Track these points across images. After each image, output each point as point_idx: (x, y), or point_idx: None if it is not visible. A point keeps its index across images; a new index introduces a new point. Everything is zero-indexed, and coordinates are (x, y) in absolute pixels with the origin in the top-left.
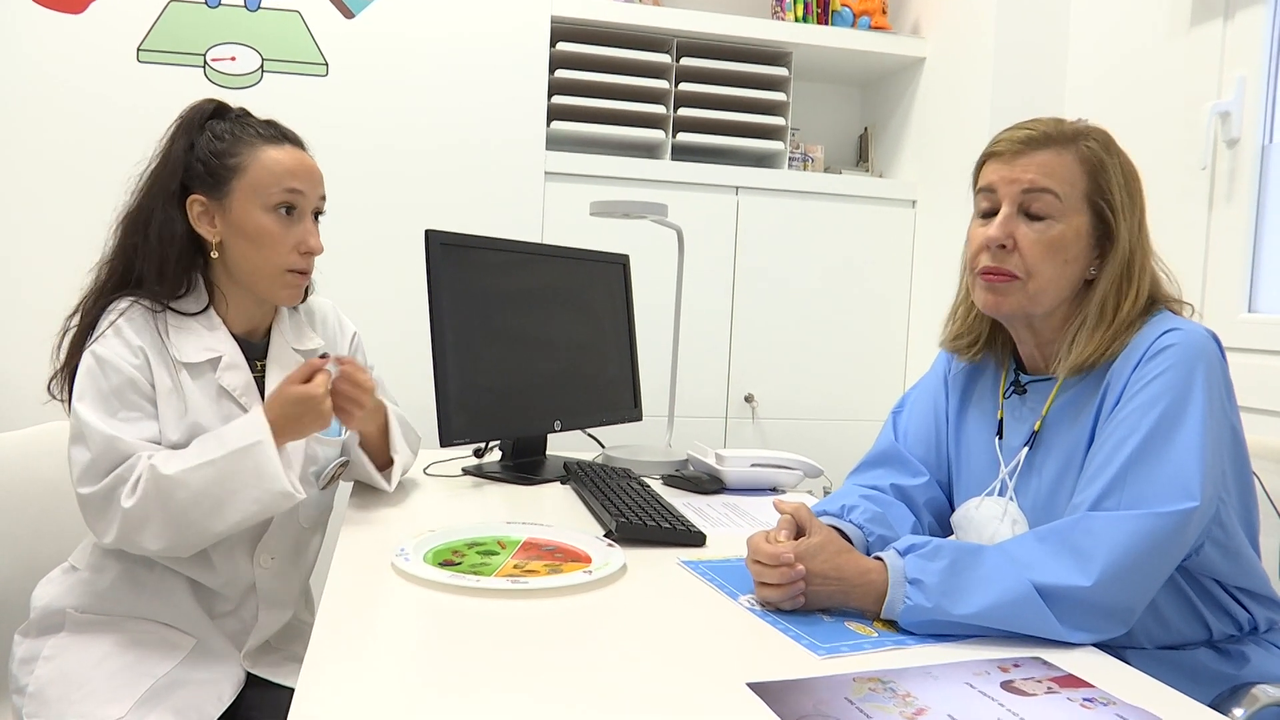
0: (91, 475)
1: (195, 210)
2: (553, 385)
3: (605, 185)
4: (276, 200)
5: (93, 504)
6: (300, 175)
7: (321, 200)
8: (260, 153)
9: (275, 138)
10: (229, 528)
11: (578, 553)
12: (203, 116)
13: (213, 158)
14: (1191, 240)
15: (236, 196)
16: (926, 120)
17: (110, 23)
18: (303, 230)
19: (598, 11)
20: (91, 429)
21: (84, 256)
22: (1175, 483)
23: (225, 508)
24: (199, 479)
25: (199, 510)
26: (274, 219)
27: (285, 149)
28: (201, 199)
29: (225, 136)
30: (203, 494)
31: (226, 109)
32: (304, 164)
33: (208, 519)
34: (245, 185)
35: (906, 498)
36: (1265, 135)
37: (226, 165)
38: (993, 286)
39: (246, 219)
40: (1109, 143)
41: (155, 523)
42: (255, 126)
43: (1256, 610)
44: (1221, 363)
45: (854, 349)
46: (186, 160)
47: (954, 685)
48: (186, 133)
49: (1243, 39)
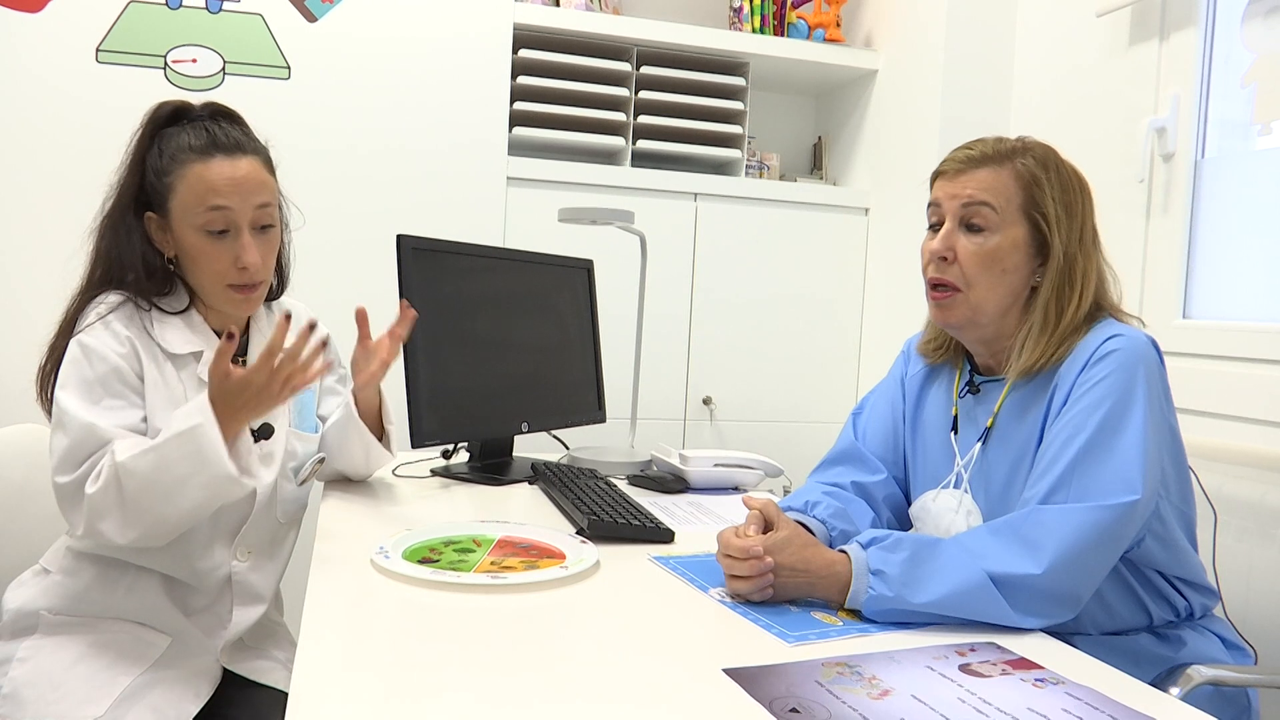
0: (68, 463)
1: (151, 225)
2: (520, 388)
3: (566, 191)
4: (202, 221)
5: (67, 493)
6: (224, 192)
7: (262, 210)
8: (188, 171)
9: (204, 150)
10: (184, 515)
11: (552, 550)
12: (156, 126)
13: (154, 176)
14: (1130, 249)
15: (174, 216)
16: (879, 130)
17: (69, 21)
18: (237, 246)
19: (559, 20)
20: (70, 416)
21: (45, 254)
22: (1119, 478)
23: (174, 495)
24: (144, 464)
25: (150, 497)
26: (204, 239)
27: (213, 163)
28: (154, 216)
29: (165, 154)
30: (150, 480)
31: (184, 112)
32: (231, 178)
33: (160, 506)
34: (178, 205)
35: (866, 494)
36: (1198, 150)
37: (163, 184)
38: (939, 303)
39: (183, 238)
40: (1048, 158)
41: (114, 511)
42: (190, 137)
43: (1193, 598)
44: (1160, 367)
45: (809, 352)
46: (141, 177)
47: (915, 668)
48: (141, 144)
49: (1177, 59)
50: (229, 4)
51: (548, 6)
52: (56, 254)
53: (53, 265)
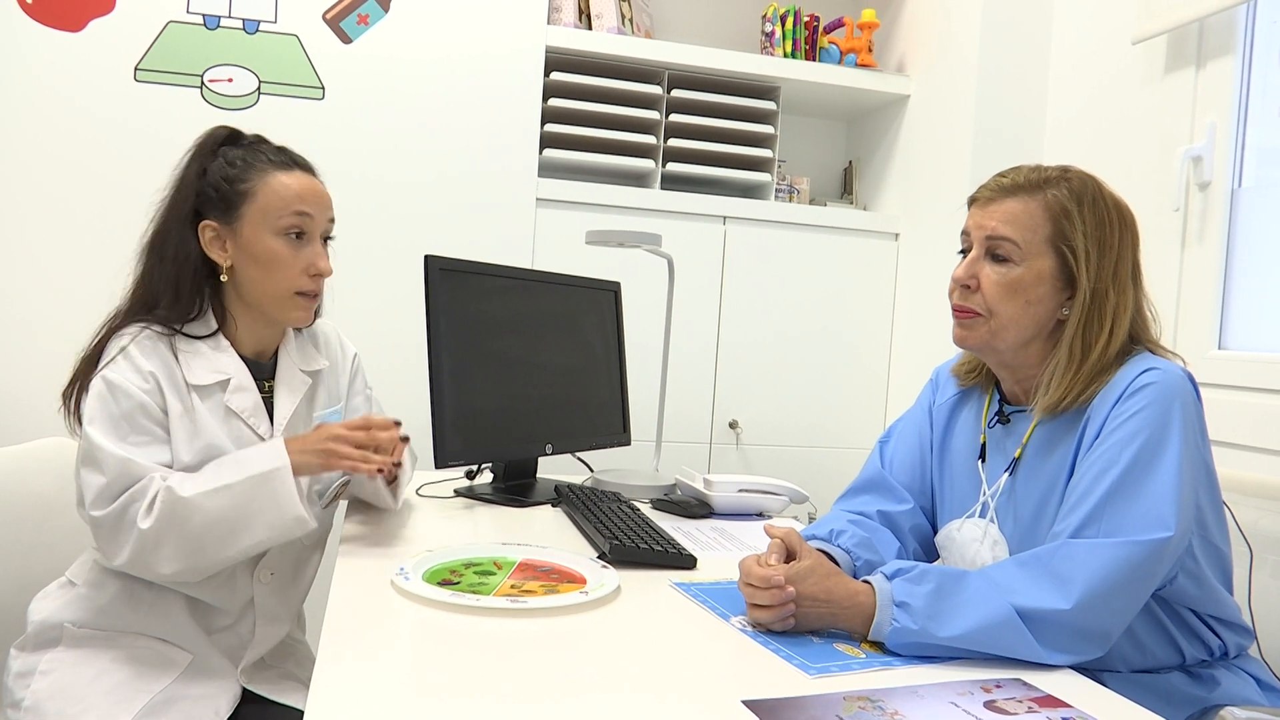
0: (105, 498)
1: (207, 235)
2: (545, 409)
3: (596, 213)
4: (285, 224)
5: (105, 526)
6: (309, 199)
7: (330, 224)
8: (270, 178)
9: (285, 164)
10: (239, 554)
11: (573, 574)
12: (215, 143)
13: (224, 183)
14: (1164, 279)
15: (247, 221)
16: (910, 156)
17: (108, 41)
18: (311, 253)
19: (591, 43)
20: (105, 452)
21: (80, 273)
22: (1152, 514)
23: (239, 533)
24: (216, 503)
25: (213, 535)
26: (283, 243)
27: (295, 174)
28: (213, 224)
29: (237, 163)
30: (219, 519)
31: (240, 136)
32: (313, 189)
33: (221, 543)
34: (255, 210)
35: (892, 524)
36: (1235, 179)
37: (238, 190)
38: (960, 322)
39: (256, 243)
40: (1085, 190)
41: (170, 545)
42: (267, 153)
43: (1227, 636)
44: (1196, 402)
45: (837, 377)
46: (199, 186)
47: (939, 704)
48: (199, 159)
49: (1214, 86)
50: (266, 25)
51: (580, 29)
52: (92, 271)
53: (90, 283)
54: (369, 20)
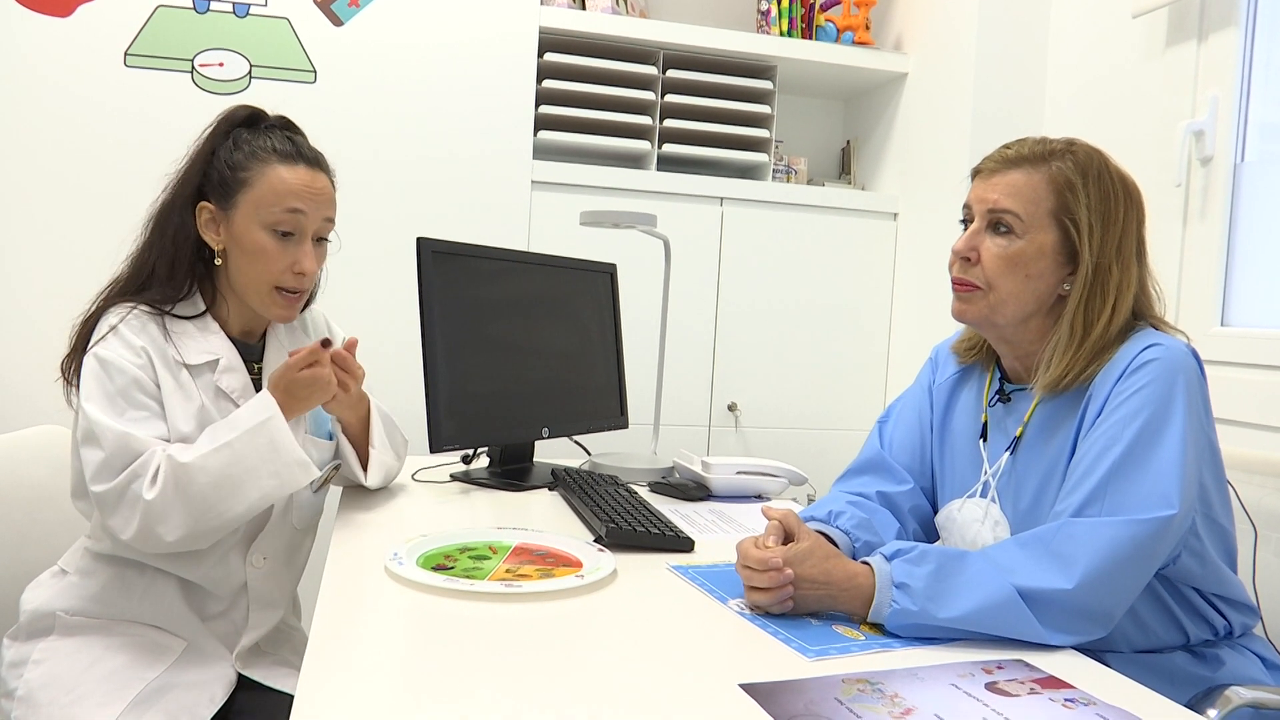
0: (106, 473)
1: (203, 217)
2: (541, 393)
3: (591, 195)
4: (275, 220)
5: (109, 500)
6: (304, 196)
7: (327, 224)
8: (270, 170)
9: (290, 156)
10: (247, 509)
11: (569, 557)
12: (231, 124)
13: (227, 169)
14: (1166, 255)
15: (240, 210)
16: (908, 135)
17: (97, 26)
18: (298, 251)
19: (585, 23)
20: (103, 427)
21: (72, 258)
22: (1155, 492)
23: (244, 487)
24: (217, 462)
25: (219, 493)
26: (271, 238)
27: (297, 169)
28: (210, 206)
29: (243, 148)
30: (222, 476)
31: (259, 118)
32: (311, 186)
33: (228, 501)
34: (250, 200)
35: (892, 504)
36: (1238, 154)
37: (237, 178)
38: (959, 295)
39: (246, 234)
40: (1090, 163)
41: (176, 512)
42: (275, 141)
43: (1232, 616)
44: (1200, 378)
45: (835, 359)
46: (206, 166)
47: (940, 686)
48: (213, 138)
49: (1216, 60)
50: (256, 8)
51: (574, 10)
52: (83, 258)
53: (80, 269)
54: (360, 2)
